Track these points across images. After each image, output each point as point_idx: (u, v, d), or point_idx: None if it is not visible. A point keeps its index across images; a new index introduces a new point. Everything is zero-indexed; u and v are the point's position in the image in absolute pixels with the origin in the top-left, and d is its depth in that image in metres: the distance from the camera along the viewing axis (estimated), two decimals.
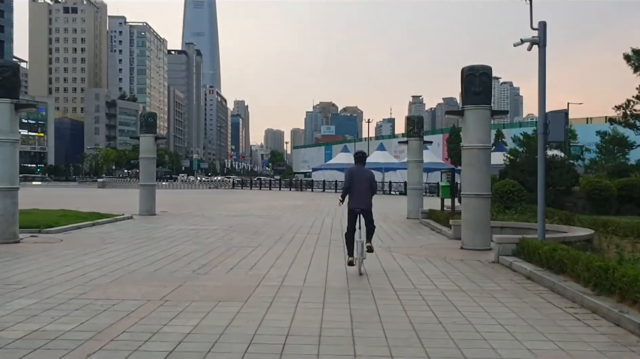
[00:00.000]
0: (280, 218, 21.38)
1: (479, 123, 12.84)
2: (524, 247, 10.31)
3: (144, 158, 22.72)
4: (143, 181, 22.73)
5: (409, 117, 22.88)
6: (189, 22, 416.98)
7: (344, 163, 59.23)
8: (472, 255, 11.88)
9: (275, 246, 12.88)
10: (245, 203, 32.34)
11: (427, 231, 17.08)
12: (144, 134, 22.67)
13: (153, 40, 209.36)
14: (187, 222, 19.28)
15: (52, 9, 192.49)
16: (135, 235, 15.19)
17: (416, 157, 22.59)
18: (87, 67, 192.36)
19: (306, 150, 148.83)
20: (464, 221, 13.03)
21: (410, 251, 12.47)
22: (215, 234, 15.50)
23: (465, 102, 12.96)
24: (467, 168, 12.99)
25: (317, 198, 41.38)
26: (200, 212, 24.42)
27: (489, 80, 12.91)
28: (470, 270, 9.99)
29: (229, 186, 68.66)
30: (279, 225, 18.42)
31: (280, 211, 25.40)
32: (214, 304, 7.10)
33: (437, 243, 14.15)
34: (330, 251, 12.15)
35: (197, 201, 35.11)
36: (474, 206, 12.79)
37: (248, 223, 19.24)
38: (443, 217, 17.89)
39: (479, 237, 12.74)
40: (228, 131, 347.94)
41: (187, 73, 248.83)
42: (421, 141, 22.68)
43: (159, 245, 12.92)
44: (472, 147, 12.86)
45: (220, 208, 27.76)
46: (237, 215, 22.70)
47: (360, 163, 10.00)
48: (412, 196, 22.47)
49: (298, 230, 16.85)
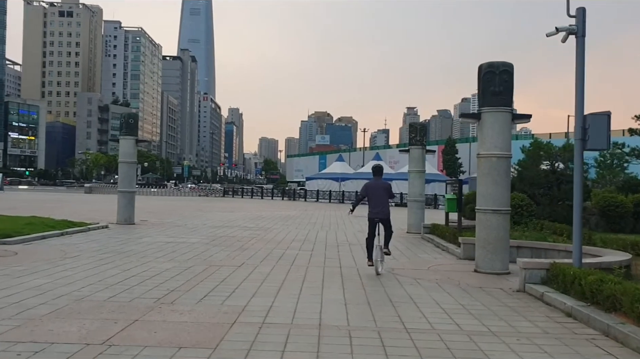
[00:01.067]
0: (269, 231, 19.62)
1: (498, 127, 11.16)
2: (558, 275, 8.60)
3: (123, 162, 20.92)
4: (122, 187, 20.91)
5: (411, 124, 21.22)
6: (185, 29, 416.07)
7: (339, 172, 57.59)
8: (490, 281, 10.18)
9: (261, 266, 11.12)
10: (233, 213, 30.54)
11: (431, 249, 15.36)
12: (123, 136, 20.88)
13: (148, 45, 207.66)
14: (166, 233, 17.49)
15: (47, 12, 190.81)
16: (103, 248, 13.39)
17: (418, 167, 20.92)
18: (81, 71, 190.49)
19: (300, 159, 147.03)
20: (478, 241, 11.33)
21: (417, 274, 10.74)
22: (194, 249, 13.72)
23: (483, 103, 11.29)
24: (483, 179, 11.31)
25: (310, 208, 39.62)
26: (184, 222, 22.63)
27: (510, 79, 11.25)
28: (494, 302, 8.27)
29: (220, 194, 66.79)
30: (267, 239, 16.66)
31: (271, 223, 23.64)
32: (171, 353, 5.34)
33: (446, 264, 12.43)
34: (326, 274, 10.39)
35: (184, 209, 33.29)
36: (492, 224, 11.09)
37: (233, 235, 17.47)
38: (449, 233, 16.19)
39: (497, 259, 11.03)
40: (222, 138, 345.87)
41: (182, 80, 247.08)
42: (424, 149, 21.02)
43: (126, 262, 11.14)
44: (490, 155, 11.17)
45: (206, 217, 25.96)
46: (222, 226, 20.92)
47: (377, 176, 10.86)
48: (413, 209, 20.78)
49: (289, 245, 15.09)
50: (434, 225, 18.32)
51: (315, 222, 24.87)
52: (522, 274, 9.20)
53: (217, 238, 16.50)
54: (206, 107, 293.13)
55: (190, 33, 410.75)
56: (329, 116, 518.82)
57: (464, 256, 13.17)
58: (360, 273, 10.64)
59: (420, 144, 20.81)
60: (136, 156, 21.49)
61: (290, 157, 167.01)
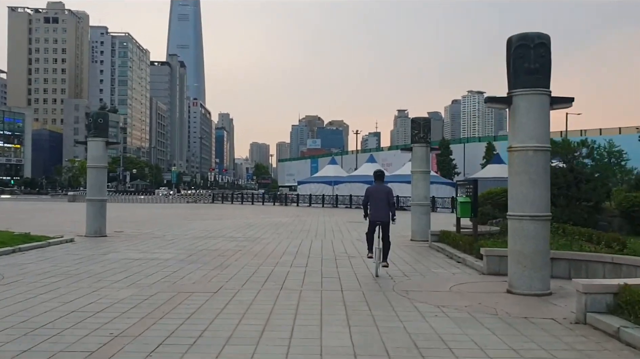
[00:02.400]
0: (258, 241, 17.39)
1: (534, 114, 9.01)
2: (633, 302, 6.45)
3: (92, 167, 18.62)
4: (90, 195, 18.61)
5: (414, 119, 19.02)
6: (173, 35, 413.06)
7: (331, 176, 55.38)
8: (534, 306, 8.01)
9: (242, 291, 8.88)
10: (220, 221, 28.26)
11: (444, 261, 13.19)
12: (92, 138, 18.60)
13: (135, 50, 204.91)
14: (139, 247, 15.22)
15: (32, 19, 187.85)
16: (55, 268, 11.11)
17: (422, 167, 18.74)
18: (67, 77, 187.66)
19: (292, 163, 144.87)
20: (512, 254, 9.15)
21: (439, 298, 8.55)
22: (165, 267, 11.47)
23: (515, 84, 9.13)
24: (517, 179, 9.14)
25: (303, 214, 37.38)
26: (164, 232, 20.36)
27: (547, 54, 9.10)
28: (554, 343, 6.09)
29: (209, 200, 64.40)
30: (254, 252, 14.42)
31: (260, 231, 21.40)
32: None
33: (469, 281, 10.24)
34: (324, 301, 8.17)
35: (168, 217, 30.99)
36: (529, 233, 8.92)
37: (216, 248, 15.22)
38: (463, 242, 14.02)
39: (536, 277, 8.86)
40: (212, 144, 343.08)
41: (170, 85, 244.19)
42: (428, 147, 18.85)
43: (73, 289, 8.88)
44: (525, 147, 9.01)
45: (189, 226, 23.69)
46: (205, 237, 18.67)
47: (379, 181, 11.22)
48: (418, 213, 18.60)
49: (278, 260, 12.87)
50: (443, 232, 16.15)
51: (309, 230, 22.66)
52: (582, 300, 7.03)
53: (196, 252, 14.25)
54: (196, 113, 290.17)
55: (179, 39, 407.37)
56: (320, 120, 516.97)
57: (488, 270, 11.01)
58: (367, 298, 8.44)
59: (424, 142, 18.64)
60: (107, 160, 19.21)
61: (282, 161, 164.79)
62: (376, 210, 10.78)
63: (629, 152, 33.42)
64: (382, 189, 10.96)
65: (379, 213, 10.75)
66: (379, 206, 10.76)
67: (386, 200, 10.76)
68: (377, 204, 10.79)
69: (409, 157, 65.49)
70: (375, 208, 10.80)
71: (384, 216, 10.73)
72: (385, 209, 10.74)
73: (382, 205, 10.74)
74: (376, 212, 10.77)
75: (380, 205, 10.75)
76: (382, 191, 10.90)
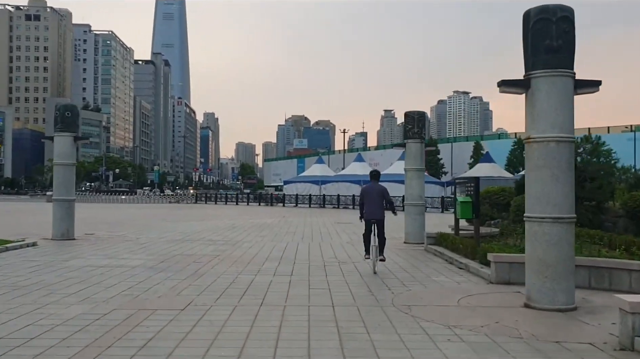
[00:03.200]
0: (239, 245, 16.00)
1: (556, 98, 7.73)
2: None
3: (59, 164, 17.14)
4: (57, 195, 17.12)
5: (408, 113, 17.69)
6: (158, 34, 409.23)
7: (318, 175, 54.03)
8: (562, 326, 6.73)
9: (215, 308, 7.50)
10: (201, 222, 26.82)
11: (444, 267, 11.90)
12: (59, 133, 17.12)
13: (119, 49, 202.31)
14: (106, 252, 13.78)
15: (13, 16, 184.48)
16: (2, 279, 9.65)
17: (417, 164, 17.45)
18: (50, 76, 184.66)
19: (278, 162, 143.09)
20: (531, 263, 7.86)
21: (448, 315, 7.24)
22: (130, 277, 10.05)
23: (534, 64, 7.85)
24: (536, 174, 7.85)
25: (289, 214, 36.01)
26: (138, 235, 18.91)
27: (571, 30, 7.82)
28: None
29: (192, 200, 62.79)
30: (234, 258, 13.04)
31: (243, 233, 20.01)
32: None
33: (478, 292, 8.94)
34: (312, 322, 6.79)
35: (147, 218, 29.50)
36: (551, 238, 7.64)
37: (192, 253, 13.81)
38: (464, 246, 12.74)
39: (560, 289, 7.59)
40: (197, 143, 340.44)
41: (155, 84, 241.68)
42: (423, 144, 17.58)
43: (13, 306, 7.44)
44: (547, 138, 7.72)
45: (167, 228, 22.23)
46: (183, 240, 17.25)
47: (374, 180, 11.50)
48: (412, 214, 17.29)
49: (260, 267, 11.50)
50: (441, 234, 14.85)
51: (295, 232, 21.30)
52: (629, 321, 5.74)
53: (169, 258, 12.83)
54: (180, 112, 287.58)
55: (163, 38, 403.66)
56: (307, 120, 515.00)
57: (497, 279, 9.73)
58: (363, 316, 7.10)
59: (418, 137, 17.35)
60: (75, 156, 17.72)
61: (268, 161, 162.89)
62: (371, 209, 11.05)
63: (618, 152, 32.64)
64: (376, 188, 11.24)
65: (374, 211, 11.04)
66: (373, 205, 11.06)
67: (380, 199, 11.11)
68: (371, 203, 11.08)
69: (397, 155, 64.26)
70: (370, 207, 11.07)
71: (378, 214, 11.05)
72: (379, 208, 11.08)
73: (377, 204, 11.07)
74: (371, 211, 11.05)
75: (374, 204, 11.06)
76: (376, 190, 11.20)
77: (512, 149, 68.00)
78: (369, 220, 11.09)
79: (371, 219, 11.06)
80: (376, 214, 11.04)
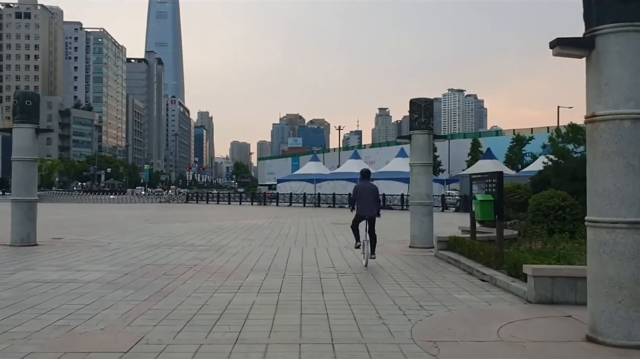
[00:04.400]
0: (222, 251, 13.99)
1: (633, 60, 5.74)
2: None
3: (18, 160, 15.06)
4: (16, 194, 15.04)
5: (414, 101, 15.66)
6: (152, 33, 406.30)
7: (313, 173, 52.01)
8: None
9: (168, 353, 5.48)
10: (186, 223, 24.78)
11: (464, 279, 9.92)
12: (19, 124, 15.03)
13: (111, 47, 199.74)
14: (65, 262, 11.73)
15: (3, 14, 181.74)
16: None
17: (423, 159, 15.46)
18: (40, 74, 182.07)
19: (272, 161, 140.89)
20: (597, 282, 5.86)
21: (490, 356, 5.25)
22: (78, 296, 8.02)
23: (599, 18, 5.84)
24: (604, 164, 5.84)
25: (282, 214, 34.01)
26: (111, 239, 16.87)
27: None
28: None
29: (183, 200, 60.65)
30: (213, 269, 11.02)
31: (228, 237, 18.00)
32: None
33: (518, 316, 6.94)
34: None
35: (129, 219, 27.43)
36: (628, 250, 5.66)
37: (165, 262, 11.79)
38: (484, 253, 10.74)
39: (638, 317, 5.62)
40: (191, 142, 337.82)
41: (148, 83, 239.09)
42: (431, 135, 15.59)
43: None
44: (621, 115, 5.71)
45: (147, 231, 20.20)
46: (159, 245, 15.22)
47: (365, 179, 12.02)
48: (419, 215, 15.30)
49: (243, 282, 9.46)
50: (454, 238, 12.86)
51: (287, 234, 19.30)
52: None
53: (135, 269, 10.80)
54: (174, 111, 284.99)
55: (157, 36, 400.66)
56: (301, 118, 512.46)
57: (538, 298, 7.75)
58: None
59: (426, 128, 15.36)
60: (37, 151, 15.62)
61: (262, 160, 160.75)
62: (363, 206, 11.50)
63: None
64: (368, 187, 11.75)
65: (366, 209, 11.47)
66: (365, 203, 11.49)
67: (372, 197, 11.55)
68: (364, 201, 11.51)
69: (392, 153, 62.35)
70: (362, 205, 11.51)
71: (370, 211, 11.47)
72: (371, 205, 11.50)
73: (369, 202, 11.50)
74: (363, 208, 11.50)
75: (366, 201, 11.50)
76: (368, 188, 11.68)
77: (511, 146, 66.17)
78: (362, 216, 11.52)
79: (364, 216, 11.47)
80: (369, 211, 11.45)
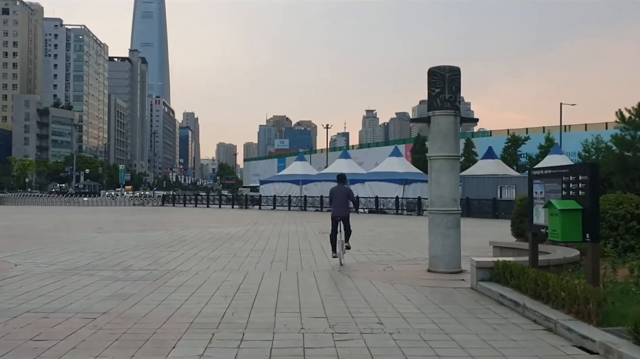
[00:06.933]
0: (166, 279, 9.69)
1: None
2: None
3: None
4: None
5: (433, 70, 11.30)
6: (137, 33, 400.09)
7: (299, 174, 47.65)
8: None
9: None
10: (142, 233, 20.32)
11: (546, 343, 5.76)
12: None
13: (92, 44, 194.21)
14: None
15: None
16: None
17: (448, 150, 11.19)
18: (19, 72, 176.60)
19: (258, 162, 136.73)
20: None
21: None
22: None
23: None
24: None
25: (263, 219, 29.72)
26: (24, 258, 12.52)
27: None
28: None
29: (158, 202, 56.11)
30: (127, 322, 6.70)
31: (185, 254, 13.68)
32: None
33: None
34: None
35: (79, 226, 23.01)
36: None
37: (59, 307, 7.47)
38: (570, 294, 6.55)
39: None
40: (176, 144, 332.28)
41: (131, 82, 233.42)
42: (458, 117, 11.35)
43: None
44: None
45: (85, 244, 15.81)
46: (82, 269, 10.88)
47: (340, 182, 12.72)
48: (442, 227, 11.01)
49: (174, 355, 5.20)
50: (504, 265, 8.62)
51: (264, 249, 15.02)
52: None
53: (20, 315, 6.49)
54: (159, 111, 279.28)
55: (143, 36, 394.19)
56: (288, 120, 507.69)
57: None
58: None
59: (451, 107, 11.11)
60: None
61: (248, 161, 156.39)
62: (337, 208, 12.35)
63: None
64: (342, 190, 12.54)
65: (340, 210, 12.34)
66: (340, 204, 12.35)
67: (346, 199, 12.41)
68: (338, 202, 12.36)
69: (381, 154, 58.25)
70: (336, 206, 12.36)
71: (343, 212, 12.35)
72: (345, 206, 12.40)
73: (343, 203, 12.37)
74: (337, 209, 12.35)
75: (341, 203, 12.35)
76: (342, 191, 12.51)
77: (506, 147, 62.80)
78: (335, 217, 12.23)
79: (337, 216, 12.21)
80: (342, 212, 12.28)
